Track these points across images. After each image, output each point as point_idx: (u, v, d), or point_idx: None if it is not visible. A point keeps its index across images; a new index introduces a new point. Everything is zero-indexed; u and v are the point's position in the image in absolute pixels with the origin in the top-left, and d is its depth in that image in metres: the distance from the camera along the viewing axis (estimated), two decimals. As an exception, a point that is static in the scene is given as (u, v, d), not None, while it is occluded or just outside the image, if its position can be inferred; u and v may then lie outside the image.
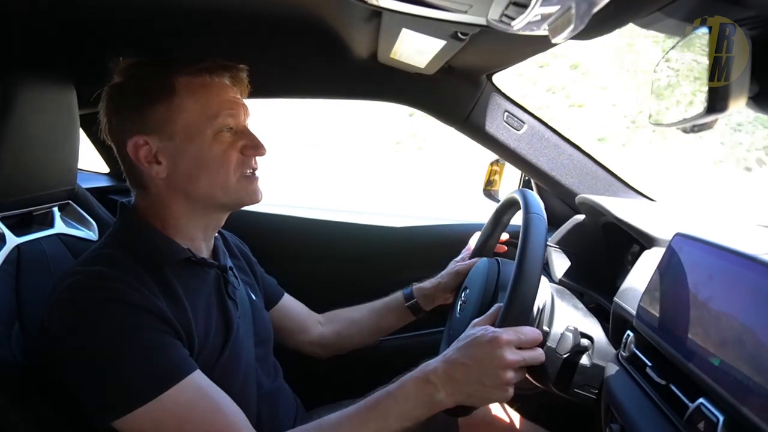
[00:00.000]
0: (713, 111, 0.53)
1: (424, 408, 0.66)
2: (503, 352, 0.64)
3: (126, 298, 0.64)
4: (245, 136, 0.77)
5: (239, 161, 0.75)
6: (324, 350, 1.05)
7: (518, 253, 0.69)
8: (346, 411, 0.68)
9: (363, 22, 0.77)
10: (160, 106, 0.72)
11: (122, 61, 0.76)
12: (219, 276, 0.80)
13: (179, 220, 0.76)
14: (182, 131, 0.73)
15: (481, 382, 0.64)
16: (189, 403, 0.64)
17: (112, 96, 0.75)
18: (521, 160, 1.15)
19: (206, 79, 0.75)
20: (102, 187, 1.42)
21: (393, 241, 1.44)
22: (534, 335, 0.67)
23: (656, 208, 1.06)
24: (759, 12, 0.54)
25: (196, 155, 0.73)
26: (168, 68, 0.74)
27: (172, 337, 0.66)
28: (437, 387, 0.65)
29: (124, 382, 0.61)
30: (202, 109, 0.73)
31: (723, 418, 0.45)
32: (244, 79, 0.79)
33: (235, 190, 0.76)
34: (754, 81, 0.53)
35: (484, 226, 1.05)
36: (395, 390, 0.67)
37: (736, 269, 0.50)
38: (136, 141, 0.73)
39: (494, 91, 1.14)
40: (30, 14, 0.73)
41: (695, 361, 0.51)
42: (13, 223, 0.81)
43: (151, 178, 0.75)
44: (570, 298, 0.85)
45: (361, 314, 1.06)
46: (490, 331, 0.66)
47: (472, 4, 0.51)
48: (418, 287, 1.04)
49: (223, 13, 0.77)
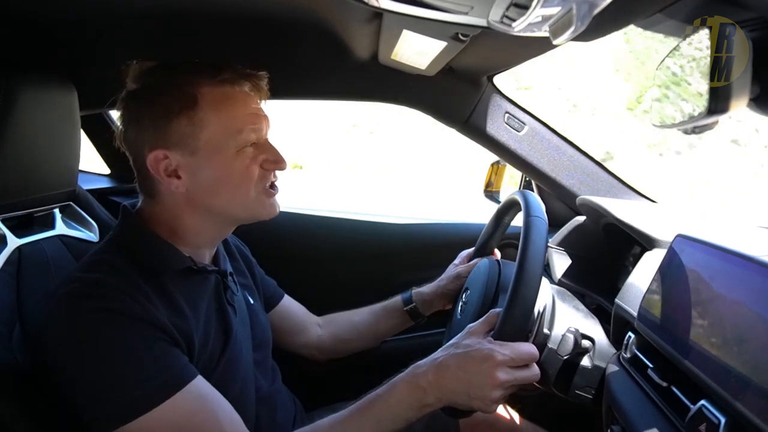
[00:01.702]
0: (714, 112, 0.54)
1: (415, 411, 0.67)
2: (495, 371, 0.64)
3: (123, 308, 0.63)
4: (267, 151, 0.75)
5: (260, 176, 0.74)
6: (321, 353, 1.05)
7: (517, 261, 0.68)
8: (339, 415, 0.68)
9: (364, 23, 0.78)
10: (183, 119, 0.70)
11: (136, 65, 0.74)
12: (219, 281, 0.80)
13: (189, 231, 0.75)
14: (205, 147, 0.71)
15: (468, 393, 0.65)
16: (188, 412, 0.63)
17: (129, 104, 0.73)
18: (522, 162, 1.15)
19: (228, 89, 0.73)
20: (103, 188, 1.42)
21: (393, 239, 1.44)
22: (529, 354, 0.67)
23: (657, 209, 1.06)
24: (760, 13, 0.54)
25: (218, 171, 0.71)
26: (188, 77, 0.72)
27: (171, 345, 0.66)
28: (426, 391, 0.66)
29: (120, 392, 0.61)
30: (225, 123, 0.71)
31: (725, 420, 0.45)
32: (264, 87, 0.78)
33: (254, 205, 0.75)
34: (755, 82, 0.53)
35: (485, 227, 1.05)
36: (386, 394, 0.68)
37: (737, 270, 0.50)
38: (156, 155, 0.70)
39: (495, 93, 1.14)
40: (30, 15, 0.73)
41: (697, 362, 0.51)
42: (13, 224, 0.81)
43: (168, 191, 0.73)
44: (571, 300, 0.84)
45: (360, 318, 1.06)
46: (486, 347, 0.66)
47: (473, 6, 0.51)
48: (417, 291, 1.04)
49: (222, 15, 0.77)
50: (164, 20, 0.77)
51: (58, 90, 0.83)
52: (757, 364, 0.43)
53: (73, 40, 0.85)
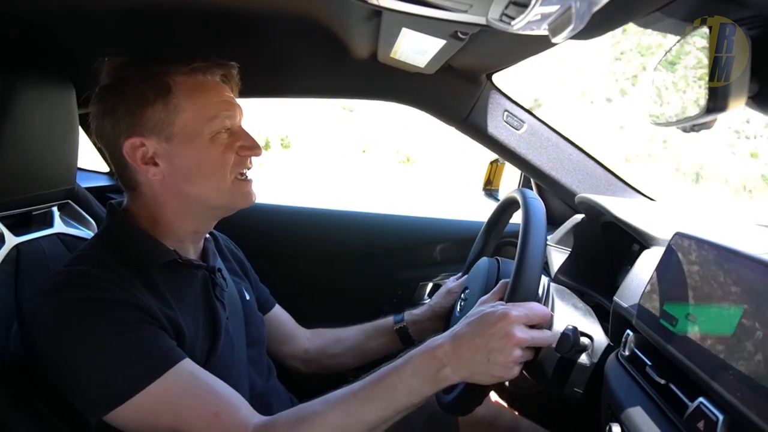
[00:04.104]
0: (713, 110, 0.54)
1: (430, 384, 0.65)
2: (513, 329, 0.63)
3: (107, 295, 0.63)
4: (242, 137, 0.76)
5: (236, 162, 0.75)
6: (306, 366, 1.03)
7: (521, 235, 0.70)
8: (353, 386, 0.67)
9: (363, 21, 0.78)
10: (158, 106, 0.71)
11: (108, 61, 0.75)
12: (207, 277, 0.80)
13: (170, 222, 0.76)
14: (180, 133, 0.72)
15: (487, 358, 0.63)
16: (181, 389, 0.63)
17: (104, 97, 0.74)
18: (521, 160, 1.16)
19: (200, 78, 0.74)
20: (101, 186, 1.41)
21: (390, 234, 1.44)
22: (543, 312, 0.66)
23: (656, 207, 1.06)
24: (759, 11, 0.54)
25: (194, 157, 0.73)
26: (160, 67, 0.73)
27: (158, 328, 0.66)
28: (443, 362, 0.64)
29: (108, 375, 0.61)
30: (199, 110, 0.73)
31: (723, 417, 0.45)
32: (235, 77, 0.79)
33: (230, 192, 0.76)
34: (753, 80, 0.54)
35: (484, 225, 1.05)
36: (401, 365, 0.66)
37: (735, 268, 0.50)
38: (132, 142, 0.72)
39: (494, 91, 1.14)
40: (28, 13, 0.73)
41: (695, 360, 0.51)
42: (12, 222, 0.81)
43: (146, 180, 0.74)
44: (570, 297, 0.85)
45: (349, 334, 1.04)
46: (500, 307, 0.66)
47: (472, 4, 0.51)
48: (410, 312, 1.02)
49: (222, 13, 0.77)
50: (163, 18, 0.77)
51: (56, 88, 0.83)
52: (755, 362, 0.43)
53: (71, 39, 0.84)
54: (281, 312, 1.06)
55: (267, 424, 0.65)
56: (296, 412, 0.66)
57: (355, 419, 0.64)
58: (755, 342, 0.44)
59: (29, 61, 0.88)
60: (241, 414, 0.65)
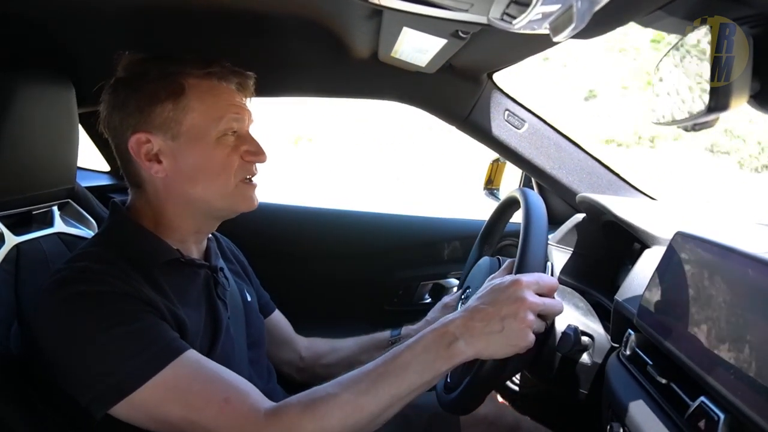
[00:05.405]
0: (714, 110, 0.53)
1: (443, 359, 0.63)
2: (524, 293, 0.63)
3: (108, 288, 0.63)
4: (248, 142, 0.76)
5: (240, 166, 0.75)
6: (299, 373, 1.03)
7: (522, 221, 0.72)
8: (365, 367, 0.66)
9: (364, 20, 0.77)
10: (168, 104, 0.72)
11: (126, 56, 0.75)
12: (209, 276, 0.80)
13: (173, 221, 0.76)
14: (187, 132, 0.72)
15: (502, 326, 0.62)
16: (190, 377, 0.63)
17: (117, 90, 0.74)
18: (522, 159, 1.15)
19: (214, 82, 0.75)
20: (102, 185, 1.41)
21: (388, 233, 1.43)
22: (552, 282, 0.67)
23: (657, 206, 1.06)
24: (760, 10, 0.54)
25: (198, 157, 0.73)
26: (176, 68, 0.73)
27: (161, 319, 0.66)
28: (456, 336, 0.63)
29: (112, 367, 0.60)
30: (207, 111, 0.73)
31: (724, 417, 0.45)
32: (250, 87, 0.79)
33: (232, 195, 0.75)
34: (755, 79, 0.53)
35: (485, 224, 1.05)
36: (414, 342, 0.65)
37: (736, 268, 0.50)
38: (138, 137, 0.72)
39: (495, 90, 1.14)
40: (27, 12, 0.73)
41: (696, 359, 0.51)
42: (12, 222, 0.80)
43: (149, 177, 0.74)
44: (571, 297, 0.85)
45: (344, 345, 1.03)
46: (510, 277, 0.66)
47: (474, 3, 0.51)
48: (407, 327, 1.02)
49: (222, 12, 0.77)
50: (164, 17, 0.77)
51: (55, 87, 0.83)
52: (756, 361, 0.43)
53: (70, 38, 0.84)
54: (280, 317, 1.05)
55: (279, 408, 0.64)
56: (308, 394, 0.65)
57: (368, 398, 0.63)
58: (756, 341, 0.44)
59: (29, 61, 0.88)
60: (252, 399, 0.64)
